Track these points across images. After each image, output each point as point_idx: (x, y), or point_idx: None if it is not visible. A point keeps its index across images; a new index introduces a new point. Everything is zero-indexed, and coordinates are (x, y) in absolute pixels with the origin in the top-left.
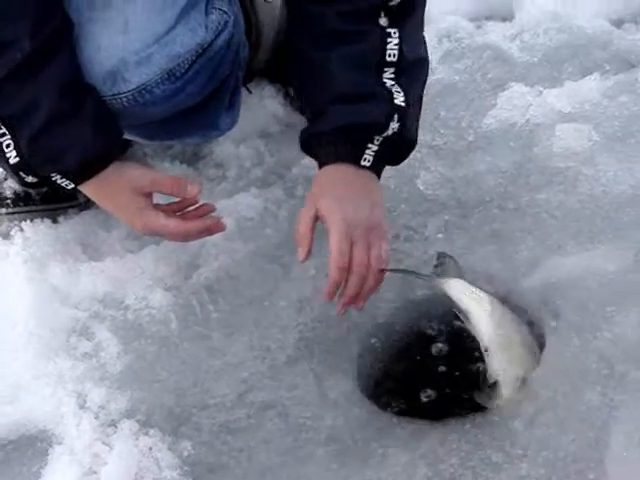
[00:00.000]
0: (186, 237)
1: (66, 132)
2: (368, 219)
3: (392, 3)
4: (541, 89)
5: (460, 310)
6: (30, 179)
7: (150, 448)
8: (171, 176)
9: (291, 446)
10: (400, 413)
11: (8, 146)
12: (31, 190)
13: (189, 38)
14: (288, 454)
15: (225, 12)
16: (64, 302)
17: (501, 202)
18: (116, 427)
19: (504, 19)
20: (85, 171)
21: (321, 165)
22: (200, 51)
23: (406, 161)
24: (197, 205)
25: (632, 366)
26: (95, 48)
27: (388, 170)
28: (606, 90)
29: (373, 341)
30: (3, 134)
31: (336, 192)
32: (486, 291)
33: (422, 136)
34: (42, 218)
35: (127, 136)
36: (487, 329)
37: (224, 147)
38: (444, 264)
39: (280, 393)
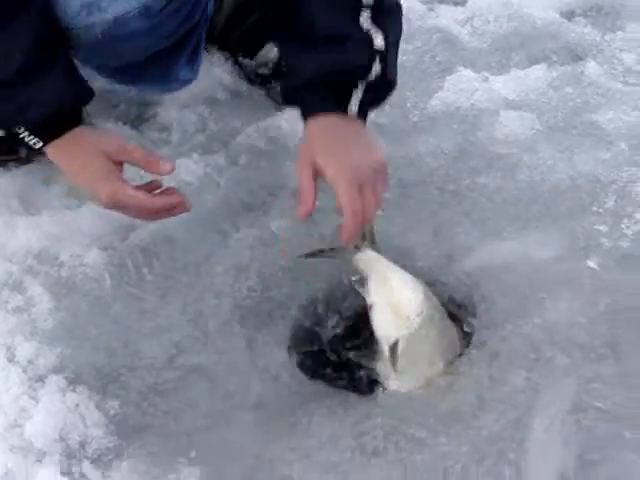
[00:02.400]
0: (150, 213)
1: (37, 83)
2: (369, 163)
3: None
4: (488, 75)
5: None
6: None
7: (77, 405)
8: (144, 149)
9: (218, 410)
10: (329, 385)
11: None
12: None
13: None
14: (214, 418)
15: None
16: None
17: (441, 184)
18: (44, 382)
19: (456, 3)
20: (54, 126)
21: (306, 116)
22: None
23: None
24: (163, 188)
25: (559, 352)
26: None
27: None
28: (552, 80)
29: (307, 313)
30: None
31: (330, 143)
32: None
33: None
34: None
35: (90, 76)
36: (373, 285)
37: (169, 111)
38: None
39: (210, 358)
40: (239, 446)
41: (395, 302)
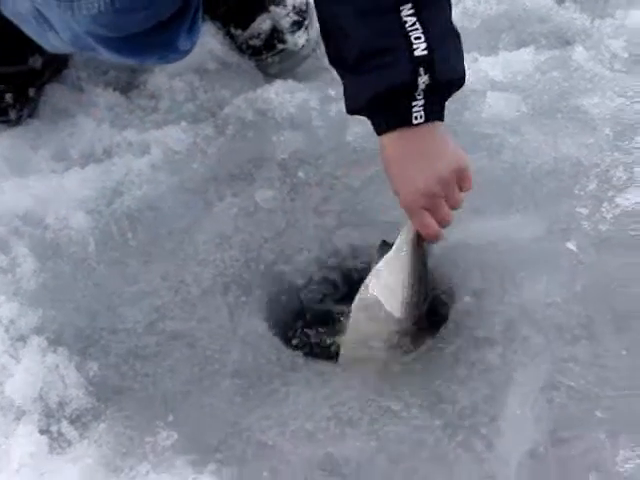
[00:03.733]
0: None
1: None
2: (439, 174)
3: None
4: (477, 56)
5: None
6: None
7: (57, 365)
8: None
9: (197, 376)
10: (308, 355)
11: None
12: None
13: None
14: (193, 384)
15: None
16: None
17: None
18: (25, 342)
19: None
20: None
21: (378, 133)
22: None
23: (336, 113)
24: None
25: (534, 331)
26: None
27: (318, 119)
28: (540, 64)
29: (289, 284)
30: None
31: (398, 168)
32: None
33: None
34: None
35: (91, 49)
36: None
37: (158, 79)
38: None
39: (190, 324)
40: (216, 412)
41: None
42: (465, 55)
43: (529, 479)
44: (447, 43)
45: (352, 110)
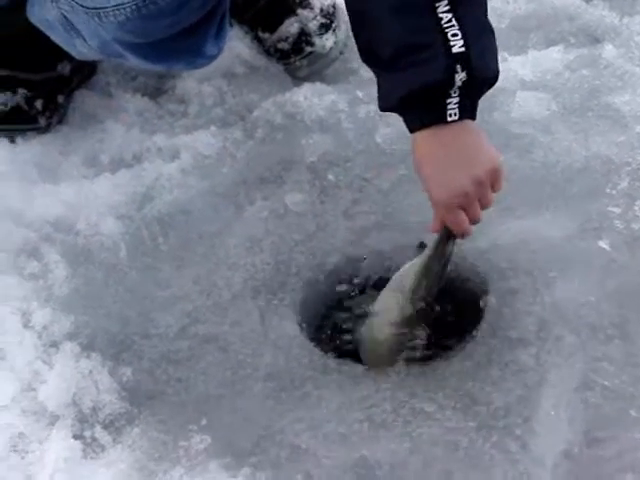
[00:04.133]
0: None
1: None
2: (472, 174)
3: None
4: (506, 55)
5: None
6: None
7: (90, 371)
8: None
9: (229, 380)
10: (340, 358)
11: None
12: None
13: None
14: (226, 387)
15: None
16: (16, 222)
17: None
18: (58, 348)
19: None
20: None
21: (411, 130)
22: None
23: (365, 115)
24: None
25: (568, 330)
26: None
27: (347, 121)
28: (569, 62)
29: (320, 286)
30: None
31: (431, 167)
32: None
33: None
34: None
35: (119, 56)
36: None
37: (187, 83)
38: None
39: (223, 328)
40: (249, 416)
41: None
42: None
43: None
44: (483, 40)
45: (385, 108)
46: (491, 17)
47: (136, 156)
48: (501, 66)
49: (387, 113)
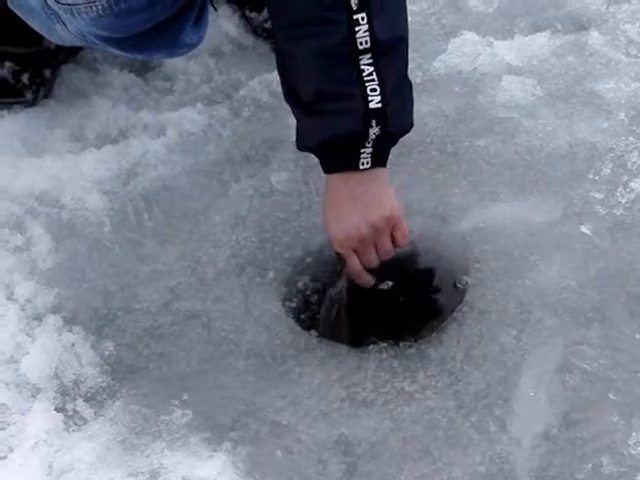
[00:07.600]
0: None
1: None
2: (372, 220)
3: None
4: (492, 40)
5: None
6: None
7: (73, 344)
8: None
9: (211, 356)
10: (322, 336)
11: None
12: None
13: None
14: (208, 363)
15: None
16: (1, 195)
17: (441, 145)
18: (41, 321)
19: None
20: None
21: (326, 172)
22: None
23: None
24: None
25: (548, 313)
26: None
27: None
28: (555, 48)
29: (303, 265)
30: None
31: (334, 210)
32: None
33: None
34: None
35: (97, 45)
36: None
37: (174, 61)
38: None
39: (206, 305)
40: (230, 391)
41: None
42: (480, 39)
43: (542, 461)
44: (401, 95)
45: (303, 148)
46: (478, 1)
47: (122, 132)
48: (487, 50)
49: None
